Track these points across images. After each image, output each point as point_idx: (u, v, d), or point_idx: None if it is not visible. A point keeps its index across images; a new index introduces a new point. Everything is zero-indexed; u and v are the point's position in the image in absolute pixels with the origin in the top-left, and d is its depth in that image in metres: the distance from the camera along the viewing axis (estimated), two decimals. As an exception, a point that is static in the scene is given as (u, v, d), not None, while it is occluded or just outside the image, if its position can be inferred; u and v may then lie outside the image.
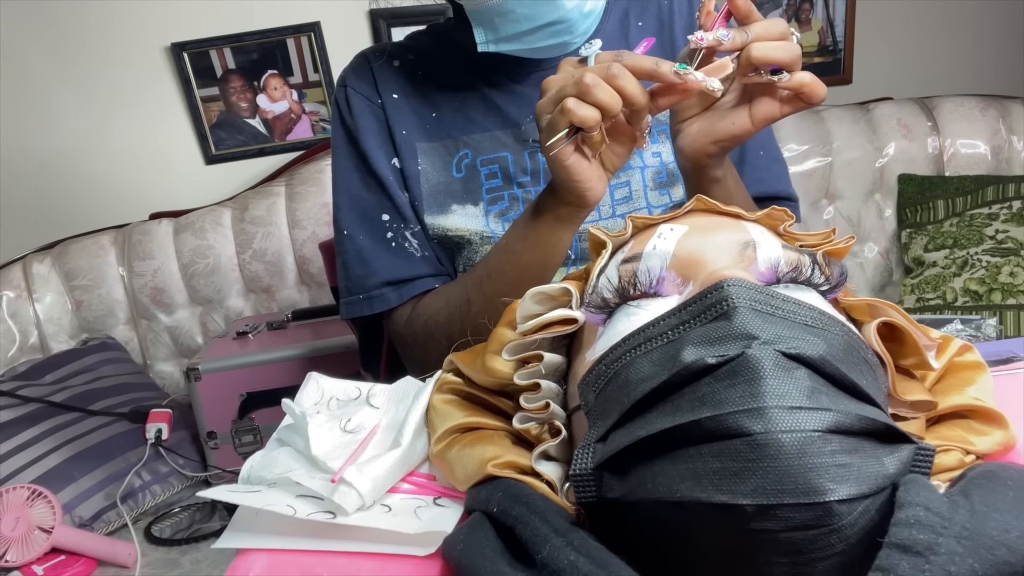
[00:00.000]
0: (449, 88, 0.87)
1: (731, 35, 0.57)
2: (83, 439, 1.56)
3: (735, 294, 0.36)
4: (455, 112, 0.86)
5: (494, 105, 0.85)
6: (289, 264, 2.03)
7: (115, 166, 2.09)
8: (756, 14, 0.58)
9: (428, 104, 0.87)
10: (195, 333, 2.06)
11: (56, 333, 1.99)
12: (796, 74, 0.58)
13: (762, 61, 0.56)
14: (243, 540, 0.45)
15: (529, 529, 0.36)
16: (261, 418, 1.65)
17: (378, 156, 0.86)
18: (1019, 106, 2.04)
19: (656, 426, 0.33)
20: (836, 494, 0.29)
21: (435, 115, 0.86)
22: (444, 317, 0.80)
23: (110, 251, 2.01)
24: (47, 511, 1.33)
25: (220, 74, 2.05)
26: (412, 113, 0.87)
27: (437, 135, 0.86)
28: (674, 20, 0.88)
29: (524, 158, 0.85)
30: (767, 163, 0.89)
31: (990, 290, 1.76)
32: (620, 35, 0.88)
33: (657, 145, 0.86)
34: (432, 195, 0.86)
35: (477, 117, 0.85)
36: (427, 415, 0.52)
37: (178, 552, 1.43)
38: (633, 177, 0.85)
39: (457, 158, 0.86)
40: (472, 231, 0.85)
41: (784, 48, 0.56)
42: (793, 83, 0.58)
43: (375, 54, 0.90)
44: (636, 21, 0.89)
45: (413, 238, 0.87)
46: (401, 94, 0.87)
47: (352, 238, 0.88)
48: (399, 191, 0.87)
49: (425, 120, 0.87)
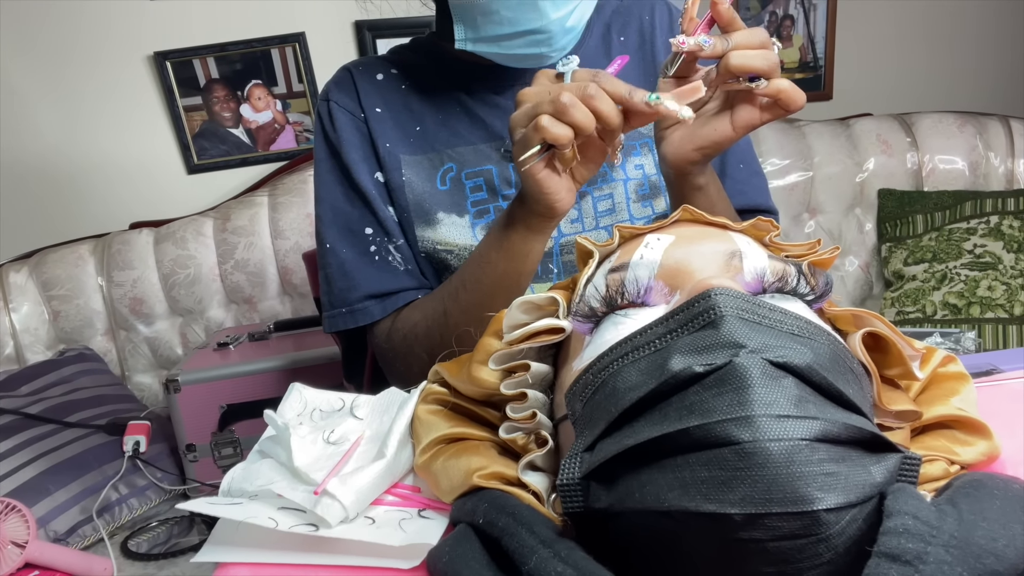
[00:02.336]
0: (433, 101, 0.87)
1: (712, 42, 0.58)
2: (59, 451, 1.53)
3: (722, 303, 0.36)
4: (439, 125, 0.86)
5: (478, 118, 0.85)
6: (271, 275, 2.02)
7: (95, 175, 2.07)
8: (739, 22, 0.60)
9: (412, 118, 0.87)
10: (175, 344, 2.03)
11: (32, 343, 1.96)
12: (774, 81, 0.59)
13: (740, 69, 0.58)
14: (223, 554, 0.44)
15: (515, 540, 0.36)
16: (241, 430, 1.64)
17: (361, 170, 0.86)
18: (996, 123, 2.07)
19: (644, 435, 0.33)
20: (824, 503, 0.29)
21: (419, 128, 0.86)
22: (423, 330, 0.80)
23: (89, 261, 1.99)
24: (21, 525, 1.30)
25: (203, 84, 2.04)
26: (396, 127, 0.87)
27: (421, 148, 0.86)
28: (655, 36, 0.90)
29: (508, 171, 0.85)
30: (747, 176, 0.90)
31: (969, 304, 1.78)
32: (602, 51, 0.88)
33: (639, 158, 0.87)
34: (418, 204, 0.86)
35: (461, 130, 0.85)
36: (412, 426, 0.52)
37: (155, 567, 1.41)
38: (616, 189, 0.86)
39: (442, 171, 0.86)
40: (460, 245, 0.84)
41: (762, 56, 0.58)
42: (770, 90, 0.59)
43: (358, 68, 0.90)
44: (618, 36, 0.90)
45: (397, 252, 0.87)
46: (385, 108, 0.87)
47: (335, 251, 0.87)
48: (383, 205, 0.86)
49: (409, 133, 0.86)
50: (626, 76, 0.83)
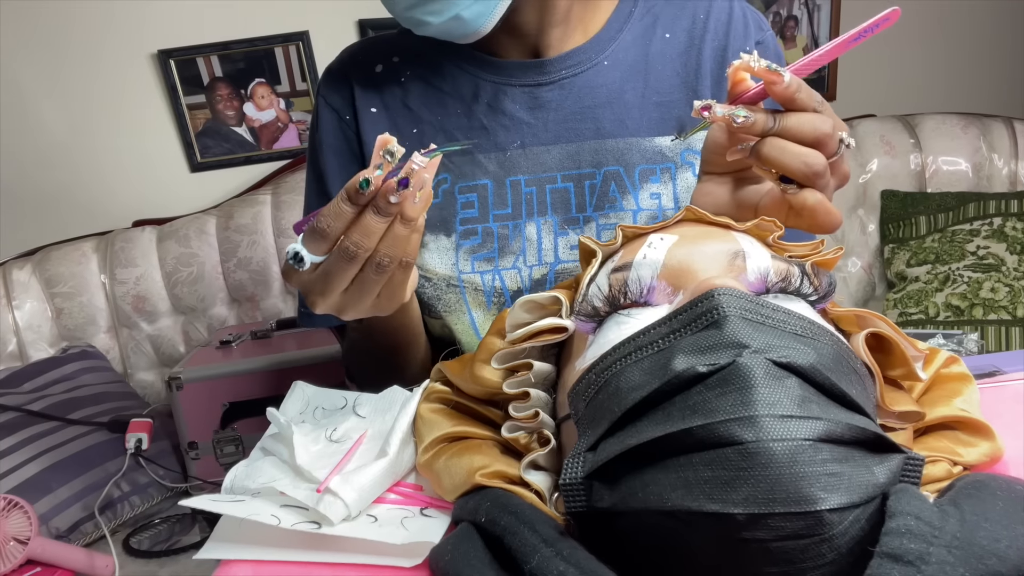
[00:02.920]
0: (433, 98, 0.79)
1: (752, 117, 0.47)
2: (61, 449, 1.53)
3: (726, 303, 0.36)
4: (437, 129, 0.79)
5: (479, 124, 0.78)
6: (274, 273, 2.02)
7: (99, 173, 2.08)
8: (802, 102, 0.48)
9: (410, 119, 0.80)
10: (177, 342, 2.03)
11: (35, 341, 1.96)
12: (803, 193, 0.48)
13: (769, 162, 0.48)
14: (226, 550, 0.45)
15: (518, 539, 0.36)
16: (244, 428, 1.64)
17: (334, 177, 0.81)
18: (1000, 124, 2.07)
19: (647, 435, 0.33)
20: (827, 503, 0.29)
21: (416, 131, 0.79)
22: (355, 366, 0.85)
23: (92, 258, 1.99)
24: (23, 522, 1.30)
25: (207, 82, 2.04)
26: (391, 128, 0.79)
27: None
28: (704, 40, 0.77)
29: (505, 187, 0.77)
30: None
31: (972, 305, 1.78)
32: (641, 43, 0.78)
33: (658, 185, 0.76)
34: None
35: (458, 134, 0.79)
36: (414, 424, 0.52)
37: (157, 564, 1.41)
38: (624, 220, 0.77)
39: (436, 181, 0.79)
40: (439, 274, 0.78)
41: (800, 157, 0.47)
42: (796, 200, 0.49)
43: (358, 57, 0.83)
44: (664, 32, 0.78)
45: None
46: (381, 107, 0.80)
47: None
48: None
49: (405, 136, 0.79)
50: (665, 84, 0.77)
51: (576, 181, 0.77)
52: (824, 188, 0.48)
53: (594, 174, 0.77)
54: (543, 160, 0.77)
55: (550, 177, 0.77)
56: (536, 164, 0.77)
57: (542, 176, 0.78)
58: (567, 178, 0.77)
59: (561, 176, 0.77)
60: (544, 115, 0.77)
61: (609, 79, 0.77)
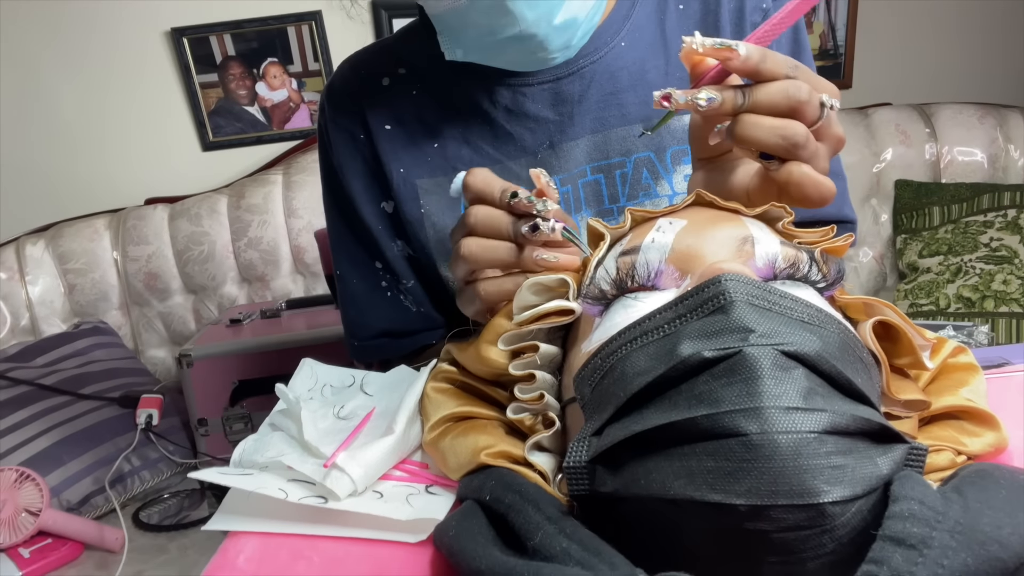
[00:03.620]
0: (450, 110, 0.75)
1: (719, 98, 0.44)
2: (73, 423, 1.55)
3: (733, 288, 0.36)
4: (460, 141, 0.75)
5: (504, 131, 0.74)
6: (284, 253, 2.03)
7: (111, 150, 2.09)
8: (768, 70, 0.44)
9: (428, 132, 0.75)
10: (188, 320, 2.05)
11: (48, 316, 1.98)
12: (786, 167, 0.45)
13: (745, 141, 0.44)
14: (233, 523, 0.45)
15: (522, 516, 0.36)
16: (252, 406, 1.65)
17: (363, 201, 0.78)
18: (1017, 115, 2.05)
19: (652, 422, 0.33)
20: (830, 496, 0.29)
21: (437, 145, 0.75)
22: None
23: (104, 235, 2.00)
24: (35, 494, 1.32)
25: (219, 61, 2.04)
26: (410, 145, 0.75)
27: (442, 169, 0.75)
28: (720, 5, 0.75)
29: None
30: None
31: (983, 297, 1.77)
32: (655, 21, 0.75)
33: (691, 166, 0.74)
34: (441, 241, 0.76)
35: (485, 146, 0.74)
36: (421, 403, 0.52)
37: (166, 538, 1.43)
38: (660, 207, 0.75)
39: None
40: None
41: (776, 131, 0.43)
42: (779, 176, 0.45)
43: (361, 72, 0.78)
44: (677, 4, 0.75)
45: (409, 293, 0.81)
46: (395, 123, 0.76)
47: (345, 280, 0.83)
48: (389, 242, 0.79)
49: (426, 152, 0.75)
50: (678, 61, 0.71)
51: (606, 172, 0.75)
52: (812, 158, 0.45)
53: (624, 163, 0.74)
54: (574, 155, 0.75)
55: (580, 172, 0.75)
56: (568, 161, 0.75)
57: (574, 172, 0.75)
58: (596, 170, 0.75)
59: (591, 168, 0.75)
60: (568, 109, 0.74)
61: (629, 60, 0.74)
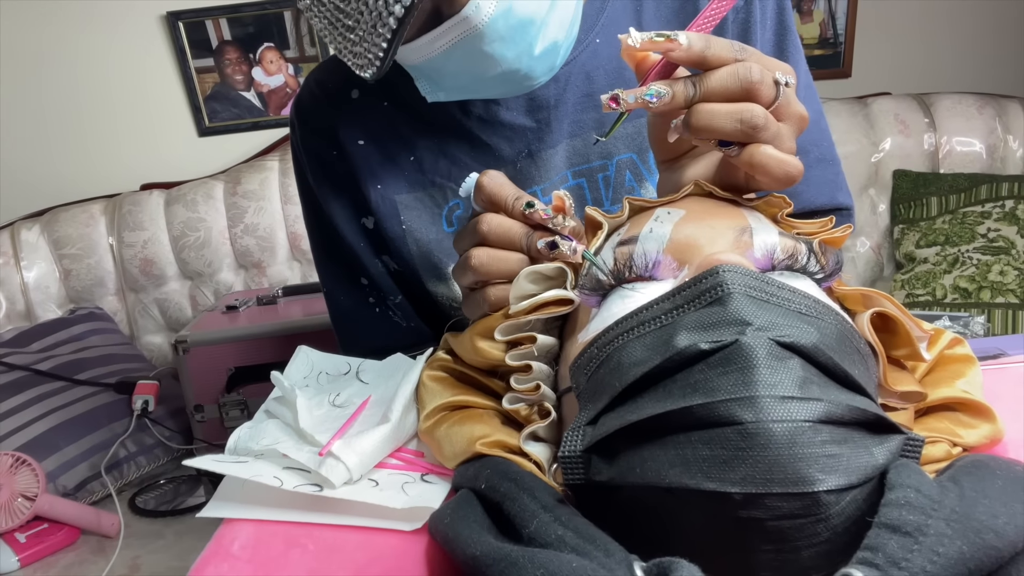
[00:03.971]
0: (424, 122, 0.72)
1: (668, 92, 0.42)
2: (69, 408, 1.55)
3: (730, 280, 0.36)
4: (437, 153, 0.72)
5: (480, 142, 0.71)
6: (281, 239, 2.02)
7: (106, 135, 2.07)
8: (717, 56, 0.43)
9: (403, 146, 0.72)
10: (184, 306, 2.05)
11: (44, 301, 1.98)
12: (748, 150, 0.43)
13: (702, 131, 0.43)
14: (228, 510, 0.45)
15: (517, 505, 0.36)
16: (249, 393, 1.65)
17: (343, 220, 0.75)
18: (1016, 106, 2.04)
19: (647, 411, 0.33)
20: (824, 484, 0.29)
21: (413, 159, 0.73)
22: None
23: (100, 220, 1.99)
24: (31, 479, 1.33)
25: (215, 45, 2.03)
26: (386, 160, 0.73)
27: (420, 183, 0.73)
28: None
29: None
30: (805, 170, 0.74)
31: (980, 288, 1.77)
32: (632, 11, 0.72)
33: None
34: (424, 257, 0.75)
35: (463, 157, 0.72)
36: (417, 391, 0.52)
37: (162, 524, 1.44)
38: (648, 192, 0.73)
39: (447, 209, 0.73)
40: None
41: (732, 115, 0.42)
42: (741, 161, 0.44)
43: (328, 87, 0.75)
44: None
45: (398, 308, 0.79)
46: (368, 138, 0.73)
47: (333, 298, 0.82)
48: (373, 258, 0.77)
49: (403, 167, 0.73)
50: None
51: (588, 176, 0.73)
52: (774, 139, 0.44)
53: (606, 165, 0.72)
54: (554, 162, 0.72)
55: (562, 178, 0.73)
56: (548, 169, 0.72)
57: (555, 179, 0.73)
58: (578, 174, 0.73)
59: (572, 174, 0.73)
60: (545, 115, 0.71)
61: (604, 58, 0.71)
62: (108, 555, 1.31)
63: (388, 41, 0.51)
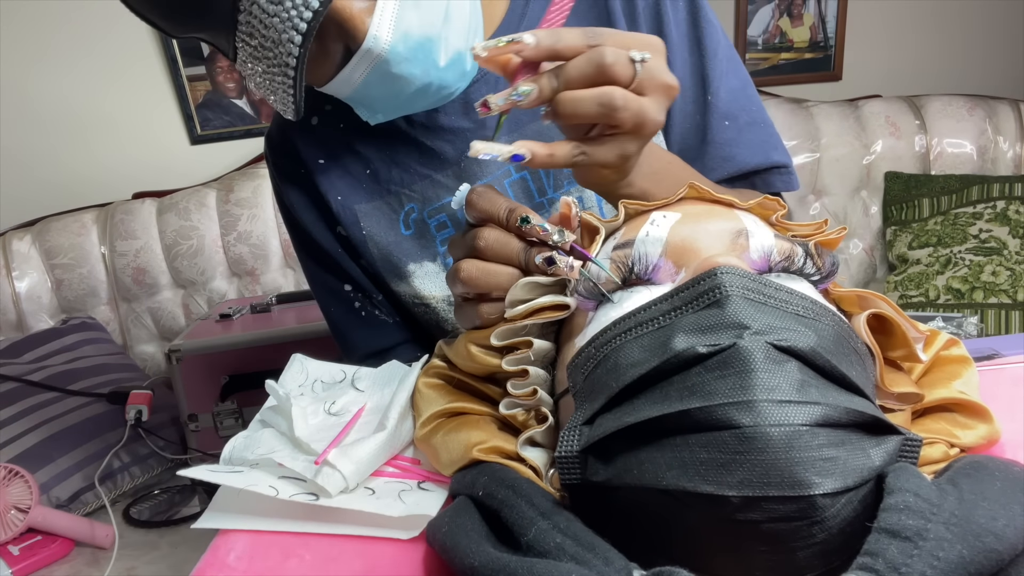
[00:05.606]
0: (375, 137, 0.77)
1: (533, 87, 0.45)
2: (61, 419, 1.54)
3: (728, 282, 0.36)
4: (389, 164, 0.77)
5: (425, 148, 0.76)
6: (274, 247, 2.02)
7: (98, 144, 2.06)
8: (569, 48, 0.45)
9: (359, 160, 0.78)
10: (177, 315, 2.04)
11: (35, 311, 1.97)
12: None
13: (568, 118, 0.45)
14: (224, 520, 0.45)
15: (515, 512, 0.36)
16: (243, 401, 1.64)
17: (319, 230, 0.81)
18: (1006, 107, 2.06)
19: (644, 413, 0.33)
20: (821, 487, 0.29)
21: (369, 172, 0.78)
22: None
23: (92, 230, 1.98)
24: (24, 490, 1.32)
25: (207, 53, 2.02)
26: (345, 175, 0.79)
27: (377, 193, 0.78)
28: None
29: None
30: (736, 133, 0.74)
31: (972, 288, 1.78)
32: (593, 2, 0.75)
33: None
34: (385, 258, 0.80)
35: (412, 164, 0.77)
36: (412, 399, 0.52)
37: (156, 534, 1.43)
38: (584, 192, 0.76)
39: (403, 214, 0.78)
40: (437, 297, 0.79)
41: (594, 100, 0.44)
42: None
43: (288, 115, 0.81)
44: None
45: (381, 306, 0.83)
46: (328, 157, 0.79)
47: (324, 307, 0.86)
48: (351, 263, 0.82)
49: (360, 179, 0.78)
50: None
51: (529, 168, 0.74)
52: (638, 116, 0.46)
53: None
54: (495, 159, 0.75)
55: (504, 172, 0.76)
56: (491, 165, 0.76)
57: (498, 174, 0.76)
58: (520, 167, 0.75)
59: (514, 168, 0.76)
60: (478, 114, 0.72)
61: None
62: (102, 567, 1.30)
63: (292, 88, 0.59)
